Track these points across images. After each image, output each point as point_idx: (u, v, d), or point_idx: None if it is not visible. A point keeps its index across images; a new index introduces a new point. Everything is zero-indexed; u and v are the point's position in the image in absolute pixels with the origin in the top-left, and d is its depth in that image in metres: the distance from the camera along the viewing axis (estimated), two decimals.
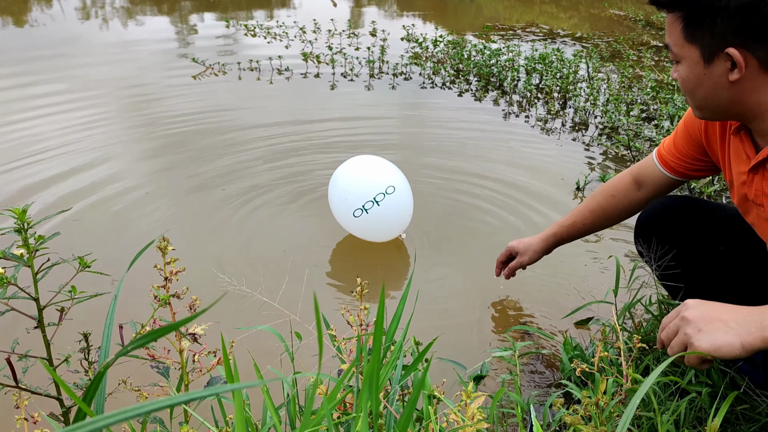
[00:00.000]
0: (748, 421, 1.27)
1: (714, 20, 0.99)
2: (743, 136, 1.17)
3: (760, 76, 1.01)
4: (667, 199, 1.54)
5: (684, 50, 1.06)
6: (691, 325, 0.98)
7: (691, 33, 1.04)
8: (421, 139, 3.47)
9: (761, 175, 1.14)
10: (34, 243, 0.85)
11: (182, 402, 0.37)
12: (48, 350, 0.92)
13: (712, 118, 1.18)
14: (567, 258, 2.31)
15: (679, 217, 1.48)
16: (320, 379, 0.86)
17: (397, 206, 2.18)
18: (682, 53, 1.07)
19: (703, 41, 1.03)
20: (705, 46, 1.03)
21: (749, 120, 1.11)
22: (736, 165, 1.22)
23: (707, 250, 1.43)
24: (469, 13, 8.33)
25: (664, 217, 1.50)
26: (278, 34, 6.15)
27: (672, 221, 1.48)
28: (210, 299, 0.90)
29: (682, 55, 1.08)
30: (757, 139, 1.14)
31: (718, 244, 1.40)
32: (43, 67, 4.72)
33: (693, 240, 1.45)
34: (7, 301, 0.84)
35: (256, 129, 3.55)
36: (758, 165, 1.13)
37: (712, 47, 1.02)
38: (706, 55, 1.04)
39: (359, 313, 1.07)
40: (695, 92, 1.10)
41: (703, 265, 1.44)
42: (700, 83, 1.07)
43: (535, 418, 1.03)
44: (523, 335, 1.89)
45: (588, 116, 3.92)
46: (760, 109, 1.05)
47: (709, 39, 1.02)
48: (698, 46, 1.04)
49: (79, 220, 2.49)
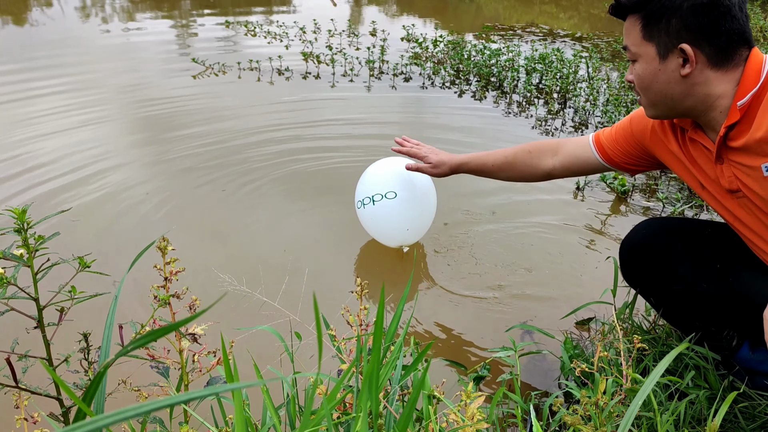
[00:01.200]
0: (747, 420, 1.27)
1: (669, 19, 1.13)
2: (698, 135, 1.25)
3: (707, 71, 1.14)
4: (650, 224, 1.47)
5: (642, 48, 1.18)
6: None
7: (648, 32, 1.16)
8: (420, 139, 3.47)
9: (727, 163, 1.21)
10: (33, 243, 0.85)
11: (182, 402, 0.37)
12: (48, 350, 0.92)
13: (663, 115, 1.26)
14: (567, 258, 2.31)
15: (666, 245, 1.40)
16: (320, 379, 0.86)
17: (392, 212, 2.13)
18: (639, 51, 1.19)
19: (659, 39, 1.15)
20: (661, 43, 1.15)
21: (699, 113, 1.20)
22: (704, 164, 1.28)
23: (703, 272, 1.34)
24: (469, 13, 8.33)
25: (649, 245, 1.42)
26: (278, 34, 6.15)
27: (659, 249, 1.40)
28: (210, 299, 0.91)
29: (639, 54, 1.19)
30: (709, 134, 1.24)
31: (714, 263, 1.33)
32: (43, 68, 4.72)
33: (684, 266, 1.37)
34: (7, 301, 0.84)
35: (256, 129, 3.55)
36: (719, 154, 1.21)
37: (667, 44, 1.14)
38: (662, 52, 1.16)
39: (359, 313, 1.07)
40: (650, 88, 1.20)
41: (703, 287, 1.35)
42: (655, 78, 1.19)
43: (535, 418, 1.03)
44: (524, 335, 1.89)
45: (588, 116, 3.92)
46: (708, 101, 1.17)
47: (665, 36, 1.14)
48: (655, 43, 1.16)
49: (78, 220, 2.49)
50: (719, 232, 1.39)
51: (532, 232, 2.50)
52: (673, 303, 1.42)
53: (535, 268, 2.25)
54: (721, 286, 1.30)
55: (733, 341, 1.40)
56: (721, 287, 1.30)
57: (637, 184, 2.94)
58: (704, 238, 1.39)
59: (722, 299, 1.29)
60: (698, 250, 1.36)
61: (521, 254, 2.34)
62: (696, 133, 1.26)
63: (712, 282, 1.31)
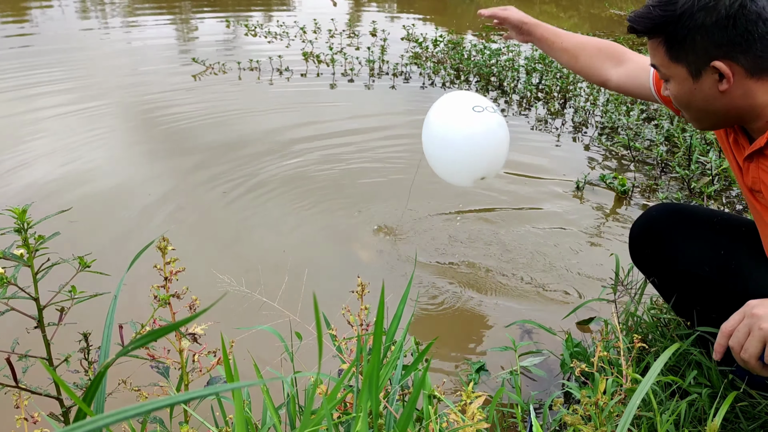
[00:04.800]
0: (748, 419, 1.27)
1: (694, 38, 1.04)
2: (737, 128, 1.20)
3: (748, 82, 1.05)
4: (660, 207, 1.49)
5: (671, 70, 1.11)
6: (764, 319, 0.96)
7: (674, 54, 1.09)
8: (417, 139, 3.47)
9: (756, 163, 1.17)
10: (33, 243, 0.85)
11: (182, 401, 0.37)
12: (48, 350, 0.92)
13: (712, 128, 1.21)
14: (567, 257, 2.31)
15: (674, 227, 1.43)
16: (320, 379, 0.86)
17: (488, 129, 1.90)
18: (669, 73, 1.12)
19: (687, 59, 1.07)
20: (690, 63, 1.07)
21: (745, 122, 1.14)
22: (738, 154, 1.25)
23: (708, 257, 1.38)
24: (469, 13, 8.33)
25: (658, 227, 1.45)
26: (279, 34, 6.15)
27: (667, 231, 1.43)
28: (210, 299, 0.89)
29: (670, 75, 1.12)
30: (751, 133, 1.18)
31: (718, 249, 1.36)
32: (43, 68, 4.72)
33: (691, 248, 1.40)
34: (7, 301, 0.84)
35: (256, 129, 3.55)
36: (752, 154, 1.16)
37: (697, 63, 1.06)
38: (693, 72, 1.08)
39: (359, 313, 1.07)
40: (689, 106, 1.14)
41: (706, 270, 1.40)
42: (692, 98, 1.11)
43: (535, 418, 1.03)
44: (524, 334, 1.89)
45: (588, 116, 3.92)
46: (754, 112, 1.09)
47: (692, 56, 1.06)
48: (683, 64, 1.08)
49: (78, 220, 2.49)
50: (729, 221, 1.40)
51: (532, 231, 2.50)
52: (675, 285, 1.44)
53: (535, 267, 2.25)
54: (723, 272, 1.33)
55: None
56: (723, 274, 1.32)
57: (637, 183, 2.94)
58: (713, 225, 1.40)
59: (722, 286, 1.31)
60: (705, 236, 1.39)
61: (521, 254, 2.34)
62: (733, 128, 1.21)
63: (714, 267, 1.34)
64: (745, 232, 1.36)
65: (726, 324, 1.02)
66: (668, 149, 3.35)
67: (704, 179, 2.92)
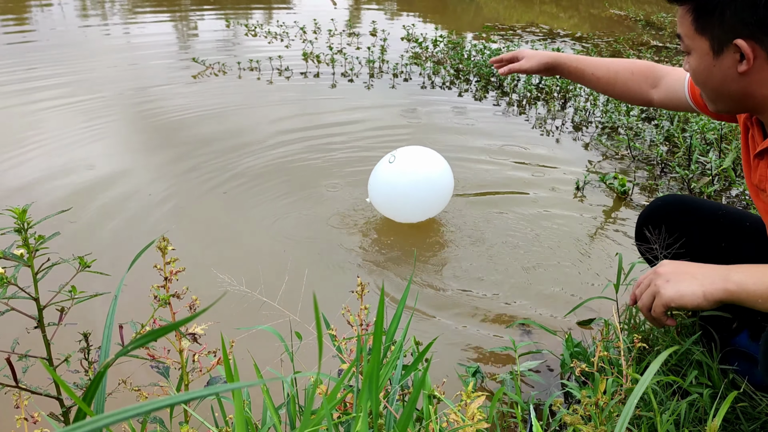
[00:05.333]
0: (748, 420, 1.27)
1: (723, 12, 1.01)
2: (755, 123, 1.19)
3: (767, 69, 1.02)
4: (668, 197, 1.55)
5: (694, 42, 1.08)
6: (662, 277, 1.07)
7: (701, 24, 1.06)
8: (419, 140, 3.47)
9: (766, 161, 1.16)
10: (33, 243, 0.85)
11: (182, 402, 0.37)
12: (48, 350, 0.92)
13: (726, 111, 1.18)
14: (567, 257, 2.31)
15: (680, 215, 1.48)
16: (320, 379, 0.86)
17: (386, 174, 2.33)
18: (692, 44, 1.09)
19: (712, 32, 1.04)
20: (714, 37, 1.04)
21: (760, 113, 1.12)
22: (751, 150, 1.24)
23: (709, 247, 1.42)
24: (468, 13, 8.33)
25: (665, 214, 1.50)
26: (279, 34, 6.15)
27: (673, 218, 1.48)
28: (210, 299, 0.89)
29: (692, 47, 1.09)
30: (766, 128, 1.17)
31: (719, 241, 1.40)
32: (43, 68, 4.72)
33: (694, 237, 1.45)
34: (7, 301, 0.84)
35: (257, 130, 3.55)
36: (763, 151, 1.15)
37: (721, 39, 1.04)
38: (716, 47, 1.05)
39: (359, 313, 1.07)
40: (706, 84, 1.12)
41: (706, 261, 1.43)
42: (710, 75, 1.09)
43: (535, 418, 1.03)
44: (523, 334, 1.89)
45: (588, 116, 3.92)
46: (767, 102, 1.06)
47: (718, 30, 1.03)
48: (708, 37, 1.06)
49: (78, 220, 2.49)
50: (733, 215, 1.42)
51: (532, 231, 2.50)
52: None
53: (535, 267, 2.25)
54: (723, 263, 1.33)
55: (733, 323, 1.42)
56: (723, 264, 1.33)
57: (637, 183, 2.94)
58: (716, 217, 1.43)
59: None
60: (707, 227, 1.42)
61: (521, 254, 2.34)
62: (753, 122, 1.19)
63: (714, 258, 1.35)
64: (749, 226, 1.37)
65: (642, 276, 1.12)
66: (668, 149, 3.35)
67: (704, 179, 2.91)
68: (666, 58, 5.41)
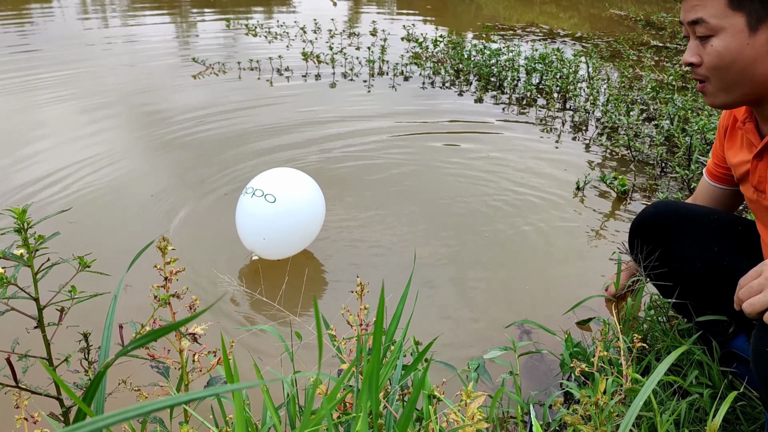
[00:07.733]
0: (748, 420, 1.27)
1: None
2: (748, 126, 1.19)
3: None
4: (659, 205, 1.54)
5: (726, 20, 1.06)
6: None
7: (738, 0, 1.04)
8: (420, 140, 3.47)
9: (765, 162, 1.16)
10: (33, 243, 0.85)
11: (182, 402, 0.37)
12: (48, 350, 0.92)
13: (733, 103, 1.16)
14: (567, 257, 2.31)
15: (671, 223, 1.48)
16: (320, 379, 0.86)
17: (265, 215, 2.07)
18: (722, 23, 1.06)
19: (751, 7, 1.03)
20: (752, 12, 1.03)
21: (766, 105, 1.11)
22: (744, 155, 1.25)
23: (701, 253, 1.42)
24: (468, 13, 8.33)
25: (654, 224, 1.50)
26: (279, 34, 6.15)
27: (664, 226, 1.48)
28: (210, 299, 0.90)
29: (722, 26, 1.07)
30: (762, 128, 1.17)
31: (712, 246, 1.40)
32: (43, 68, 4.72)
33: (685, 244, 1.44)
34: (7, 301, 0.84)
35: (257, 130, 3.55)
36: (762, 151, 1.16)
37: (759, 13, 1.02)
38: (753, 23, 1.03)
39: (359, 313, 1.07)
40: (731, 67, 1.08)
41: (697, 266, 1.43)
42: (740, 53, 1.06)
43: (535, 418, 1.03)
44: (522, 334, 1.89)
45: (588, 116, 3.92)
46: None
47: (758, 4, 1.02)
48: (745, 12, 1.04)
49: (78, 221, 2.49)
50: (725, 220, 1.42)
51: (532, 231, 2.50)
52: (670, 281, 1.47)
53: (535, 267, 2.25)
54: (716, 269, 1.36)
55: (730, 327, 1.42)
56: (714, 271, 1.35)
57: (637, 183, 2.94)
58: (708, 222, 1.43)
59: (713, 282, 1.34)
60: (699, 233, 1.42)
61: (521, 254, 2.34)
62: (745, 125, 1.19)
63: (707, 263, 1.37)
64: (741, 231, 1.37)
65: (744, 278, 1.02)
66: (668, 149, 3.35)
67: None
68: (666, 58, 5.40)
